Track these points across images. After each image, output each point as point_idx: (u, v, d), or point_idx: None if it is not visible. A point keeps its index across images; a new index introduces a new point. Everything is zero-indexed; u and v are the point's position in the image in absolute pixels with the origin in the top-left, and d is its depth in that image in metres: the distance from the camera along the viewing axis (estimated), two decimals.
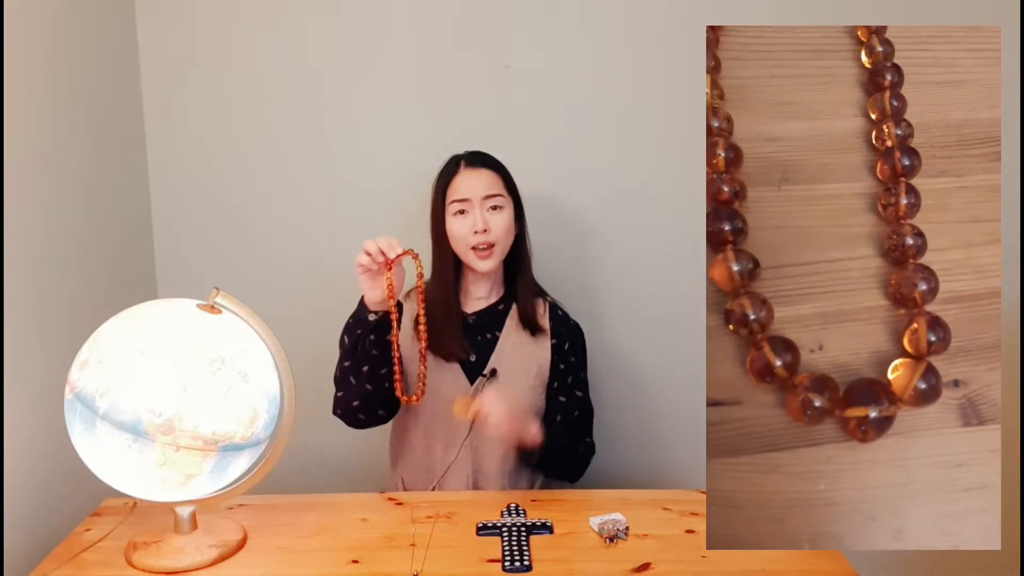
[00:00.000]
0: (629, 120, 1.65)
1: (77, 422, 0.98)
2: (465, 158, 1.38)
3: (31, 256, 1.23)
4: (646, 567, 1.07)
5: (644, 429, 1.77)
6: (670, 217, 1.67)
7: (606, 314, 1.72)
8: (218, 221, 1.69)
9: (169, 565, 1.06)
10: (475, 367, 1.38)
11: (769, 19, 1.53)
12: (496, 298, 1.42)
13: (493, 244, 1.33)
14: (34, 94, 1.25)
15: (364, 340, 1.28)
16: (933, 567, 1.85)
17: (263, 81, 1.64)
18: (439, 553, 1.11)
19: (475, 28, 1.62)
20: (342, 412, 1.36)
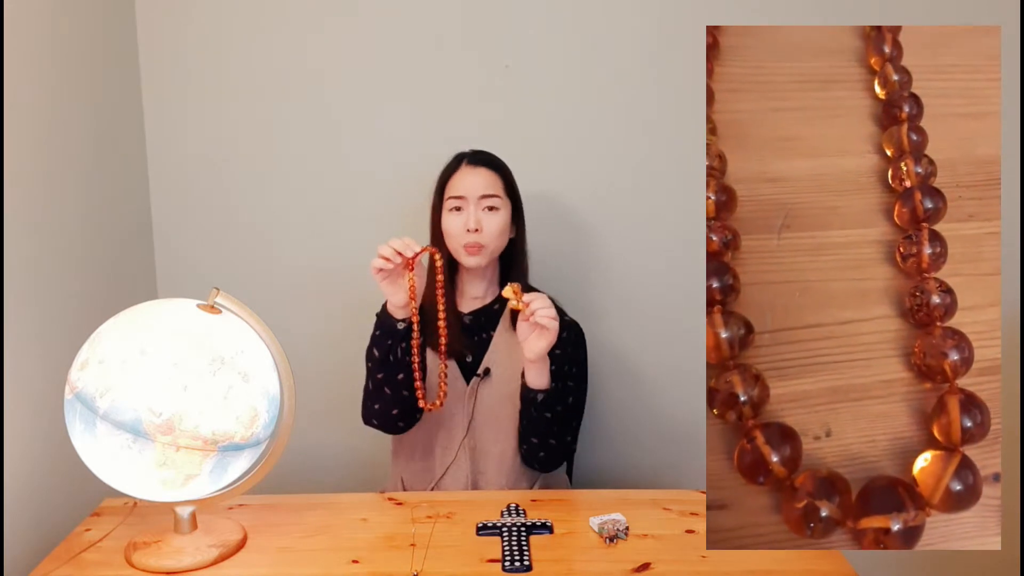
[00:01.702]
0: (630, 120, 1.65)
1: (77, 422, 0.98)
2: (468, 156, 1.38)
3: (31, 256, 1.23)
4: (646, 567, 1.07)
5: (644, 429, 1.77)
6: (670, 216, 1.67)
7: (606, 314, 1.72)
8: (218, 221, 1.69)
9: (169, 565, 1.06)
10: (471, 367, 1.38)
11: (768, 19, 1.54)
12: (491, 298, 1.42)
13: (483, 245, 1.33)
14: (34, 94, 1.25)
15: (396, 350, 1.28)
16: (933, 567, 1.85)
17: (263, 81, 1.64)
18: (439, 553, 1.11)
19: (475, 28, 1.62)
20: (379, 422, 1.36)
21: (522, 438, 1.35)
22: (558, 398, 1.30)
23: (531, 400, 1.28)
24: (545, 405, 1.28)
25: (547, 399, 1.28)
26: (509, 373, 1.36)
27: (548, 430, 1.31)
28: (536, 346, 1.22)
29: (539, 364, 1.25)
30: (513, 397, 1.34)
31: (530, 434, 1.32)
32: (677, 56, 1.61)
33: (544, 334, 1.20)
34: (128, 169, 1.60)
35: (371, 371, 1.34)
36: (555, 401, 1.29)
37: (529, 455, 1.36)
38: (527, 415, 1.31)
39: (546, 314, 1.19)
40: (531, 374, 1.27)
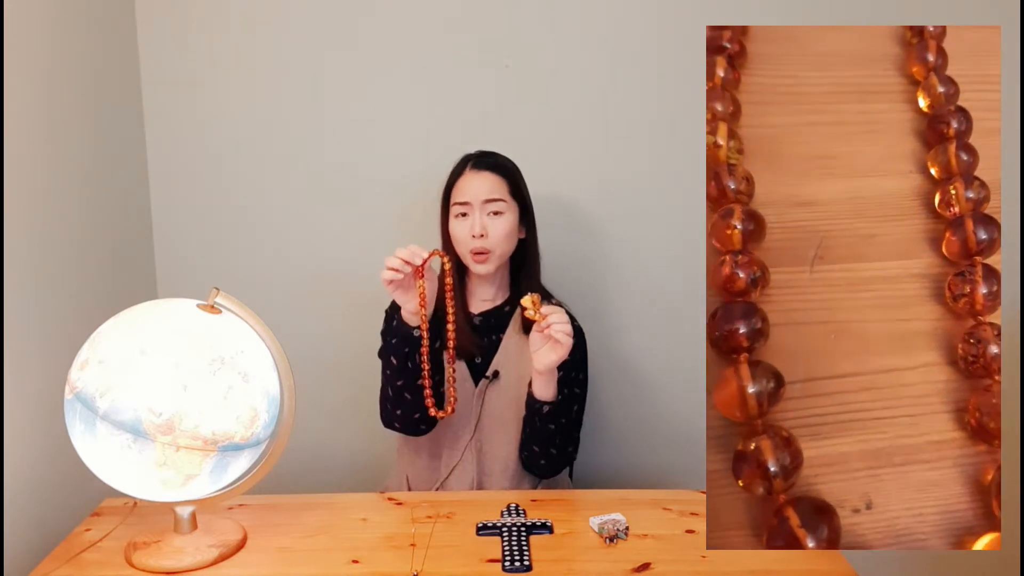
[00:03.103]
0: (632, 119, 1.65)
1: (77, 422, 0.98)
2: (473, 159, 1.37)
3: (31, 256, 1.23)
4: (646, 567, 1.07)
5: (645, 429, 1.77)
6: (671, 216, 1.67)
7: (606, 314, 1.72)
8: (218, 221, 1.69)
9: (169, 565, 1.06)
10: (480, 368, 1.39)
11: (769, 19, 1.54)
12: (502, 300, 1.42)
13: (489, 251, 1.33)
14: (35, 95, 1.25)
15: (413, 357, 1.28)
16: (933, 567, 1.85)
17: (263, 81, 1.64)
18: (439, 553, 1.11)
19: (476, 28, 1.62)
20: (401, 426, 1.36)
21: (523, 445, 1.35)
22: (563, 410, 1.31)
23: (536, 411, 1.29)
24: (550, 417, 1.29)
25: (553, 411, 1.29)
26: (517, 376, 1.36)
27: (551, 440, 1.32)
28: (547, 359, 1.22)
29: (547, 376, 1.26)
30: (520, 400, 1.34)
31: (532, 442, 1.33)
32: (679, 55, 1.61)
33: (557, 348, 1.20)
34: (128, 169, 1.60)
35: (389, 378, 1.33)
36: (560, 413, 1.30)
37: (529, 461, 1.36)
38: (531, 424, 1.31)
39: (562, 329, 1.19)
40: (538, 385, 1.28)
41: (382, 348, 1.34)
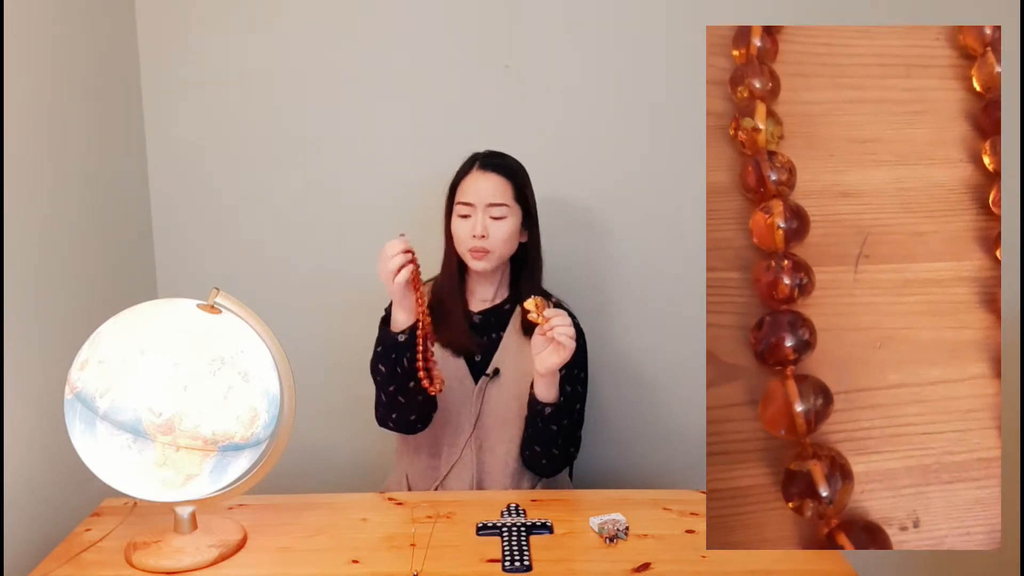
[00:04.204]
0: (633, 119, 1.65)
1: (77, 422, 0.98)
2: (480, 159, 1.37)
3: (31, 256, 1.23)
4: (646, 567, 1.07)
5: (644, 429, 1.77)
6: (672, 217, 1.67)
7: (607, 314, 1.71)
8: (218, 221, 1.69)
9: (169, 565, 1.06)
10: (480, 366, 1.39)
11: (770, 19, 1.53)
12: (501, 299, 1.42)
13: (489, 250, 1.33)
14: (35, 96, 1.25)
15: (401, 362, 1.28)
16: (933, 567, 1.85)
17: (263, 82, 1.64)
18: (439, 553, 1.11)
19: (477, 29, 1.62)
20: (396, 426, 1.36)
21: (525, 445, 1.36)
22: (565, 411, 1.31)
23: (538, 412, 1.29)
24: (552, 418, 1.29)
25: (554, 412, 1.29)
26: (518, 374, 1.37)
27: (553, 440, 1.32)
28: (549, 361, 1.22)
29: (549, 378, 1.26)
30: (521, 398, 1.34)
31: (534, 443, 1.33)
32: (682, 54, 1.61)
33: (559, 350, 1.21)
34: (128, 169, 1.60)
35: (381, 384, 1.33)
36: (562, 414, 1.30)
37: (531, 461, 1.37)
38: (532, 425, 1.32)
39: (565, 332, 1.19)
40: (540, 387, 1.28)
41: (372, 357, 1.34)
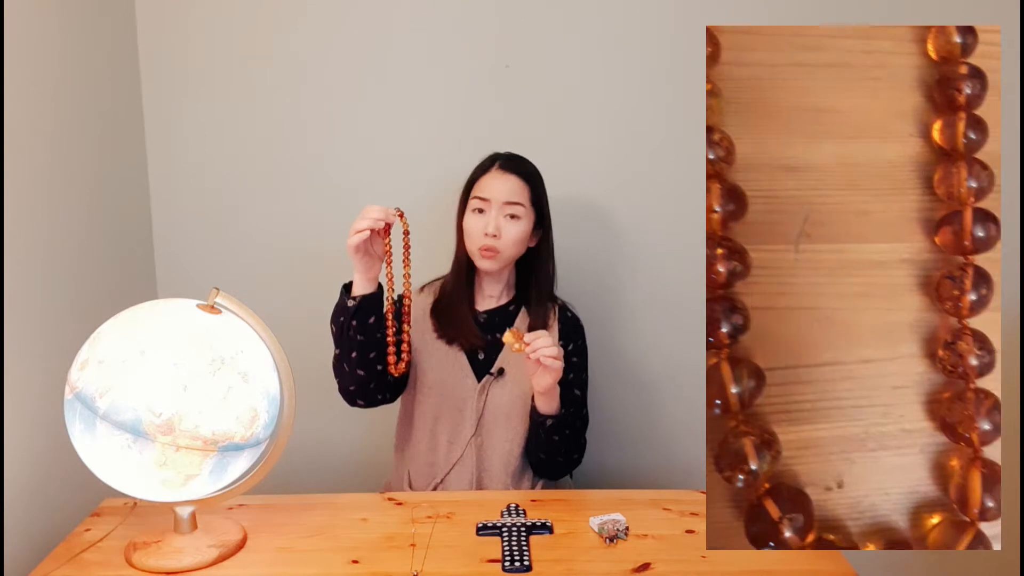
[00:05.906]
0: (636, 119, 1.65)
1: (77, 422, 0.98)
2: (501, 160, 1.38)
3: (31, 256, 1.23)
4: (646, 567, 1.07)
5: (644, 429, 1.77)
6: (672, 216, 1.67)
7: (608, 315, 1.71)
8: (218, 221, 1.69)
9: (169, 565, 1.06)
10: (484, 365, 1.39)
11: (770, 19, 1.54)
12: (507, 299, 1.43)
13: (498, 250, 1.33)
14: (35, 96, 1.25)
15: (347, 327, 1.27)
16: (932, 567, 1.85)
17: (263, 82, 1.64)
18: (439, 553, 1.11)
19: (476, 29, 1.62)
20: (343, 396, 1.37)
21: (530, 452, 1.38)
22: (567, 422, 1.33)
23: (540, 424, 1.32)
24: (554, 429, 1.31)
25: (556, 424, 1.31)
26: (522, 374, 1.37)
27: (556, 450, 1.34)
28: (542, 381, 1.24)
29: (548, 394, 1.28)
30: (524, 398, 1.36)
31: (538, 451, 1.35)
32: (683, 53, 1.61)
33: (548, 371, 1.22)
34: (128, 169, 1.60)
35: (334, 346, 1.33)
36: (564, 425, 1.32)
37: (538, 466, 1.39)
38: (535, 435, 1.34)
39: (548, 353, 1.20)
40: (540, 402, 1.30)
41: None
